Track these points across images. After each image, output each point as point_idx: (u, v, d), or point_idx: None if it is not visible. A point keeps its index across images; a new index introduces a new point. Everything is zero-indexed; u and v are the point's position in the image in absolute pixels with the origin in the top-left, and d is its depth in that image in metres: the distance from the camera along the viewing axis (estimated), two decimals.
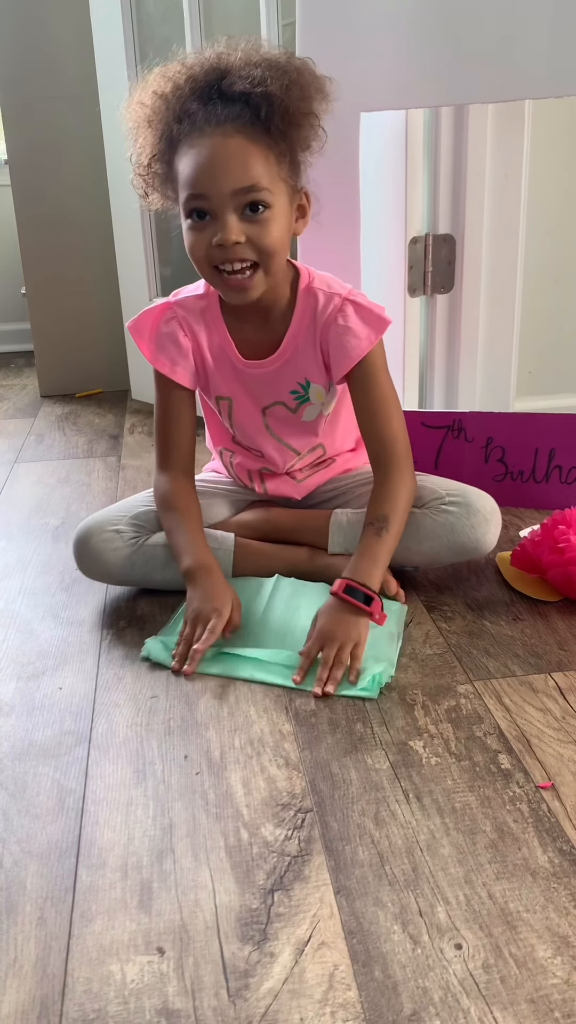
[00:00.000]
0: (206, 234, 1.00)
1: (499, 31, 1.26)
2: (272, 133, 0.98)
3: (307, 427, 1.22)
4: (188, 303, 1.16)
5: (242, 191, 0.98)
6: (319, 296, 1.12)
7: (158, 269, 2.12)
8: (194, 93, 0.99)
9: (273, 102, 0.97)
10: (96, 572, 1.18)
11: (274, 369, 1.16)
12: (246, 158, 0.97)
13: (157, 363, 1.15)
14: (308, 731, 0.92)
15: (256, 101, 0.97)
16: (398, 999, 0.62)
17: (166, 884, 0.73)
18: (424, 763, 0.86)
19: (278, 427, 1.22)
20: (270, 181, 0.99)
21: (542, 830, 0.77)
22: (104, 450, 1.94)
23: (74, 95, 2.16)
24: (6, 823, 0.80)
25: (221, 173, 0.97)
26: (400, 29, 1.30)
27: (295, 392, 1.18)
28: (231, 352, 1.16)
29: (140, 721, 0.94)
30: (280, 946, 0.66)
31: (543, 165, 1.74)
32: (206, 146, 0.97)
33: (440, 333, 1.71)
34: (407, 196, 1.59)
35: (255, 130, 0.97)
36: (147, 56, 1.94)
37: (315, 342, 1.13)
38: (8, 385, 2.61)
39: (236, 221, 0.99)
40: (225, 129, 0.97)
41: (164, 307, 1.17)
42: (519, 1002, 0.61)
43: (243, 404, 1.20)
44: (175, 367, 1.15)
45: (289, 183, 1.03)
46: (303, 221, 1.08)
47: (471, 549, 1.15)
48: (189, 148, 0.99)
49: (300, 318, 1.13)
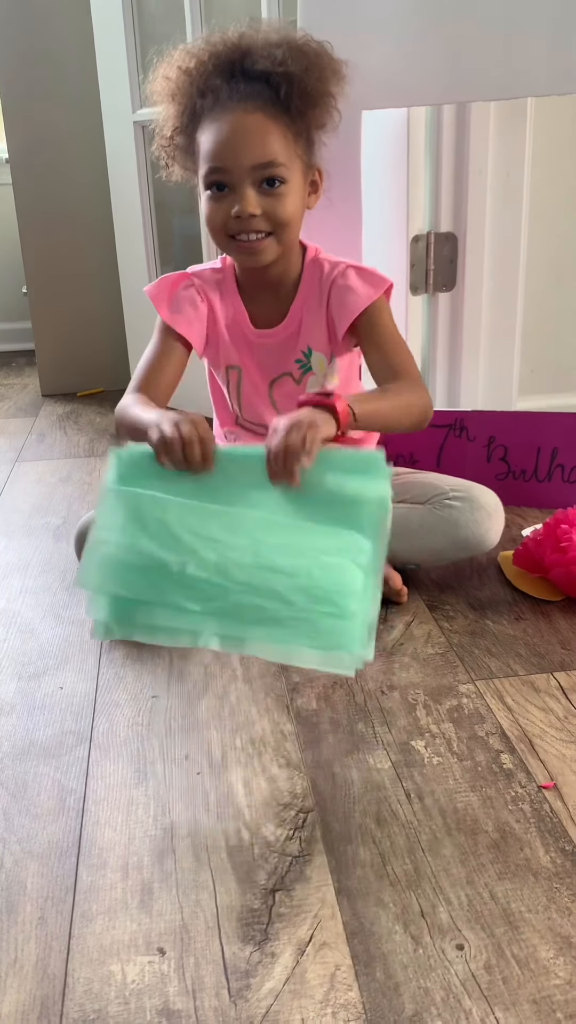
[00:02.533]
0: (224, 204, 1.04)
1: (501, 29, 1.26)
2: (291, 112, 1.03)
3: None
4: (204, 274, 1.19)
5: (260, 166, 1.02)
6: (324, 265, 1.16)
7: (159, 268, 2.12)
8: (217, 69, 1.04)
9: (293, 82, 1.02)
10: None
11: (283, 338, 1.19)
12: (265, 134, 1.02)
13: (174, 322, 1.15)
14: (309, 731, 0.91)
15: (277, 80, 1.02)
16: (399, 1000, 0.61)
17: (167, 884, 0.72)
18: (426, 763, 0.85)
19: (283, 402, 1.23)
20: (287, 157, 1.03)
21: (544, 830, 0.76)
22: (105, 449, 1.94)
23: (75, 94, 2.16)
24: (7, 823, 0.80)
25: (242, 148, 1.02)
26: (402, 27, 1.30)
27: (299, 361, 1.21)
28: (243, 322, 1.19)
29: (141, 721, 0.94)
30: (281, 946, 0.66)
31: (545, 163, 1.73)
32: (228, 121, 1.02)
33: (442, 331, 1.71)
34: (409, 194, 1.58)
35: (275, 108, 1.02)
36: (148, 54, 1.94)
37: (321, 307, 1.17)
38: (9, 384, 2.61)
39: (254, 194, 1.03)
40: (246, 106, 1.02)
41: (182, 275, 1.20)
42: (521, 1003, 0.61)
43: (252, 375, 1.22)
44: (190, 328, 1.16)
45: (304, 160, 1.07)
46: (315, 196, 1.12)
47: (475, 544, 1.15)
48: (211, 123, 1.03)
49: (307, 287, 1.17)
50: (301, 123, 1.05)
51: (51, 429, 2.12)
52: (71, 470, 1.81)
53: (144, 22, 1.93)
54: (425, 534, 1.15)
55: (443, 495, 1.17)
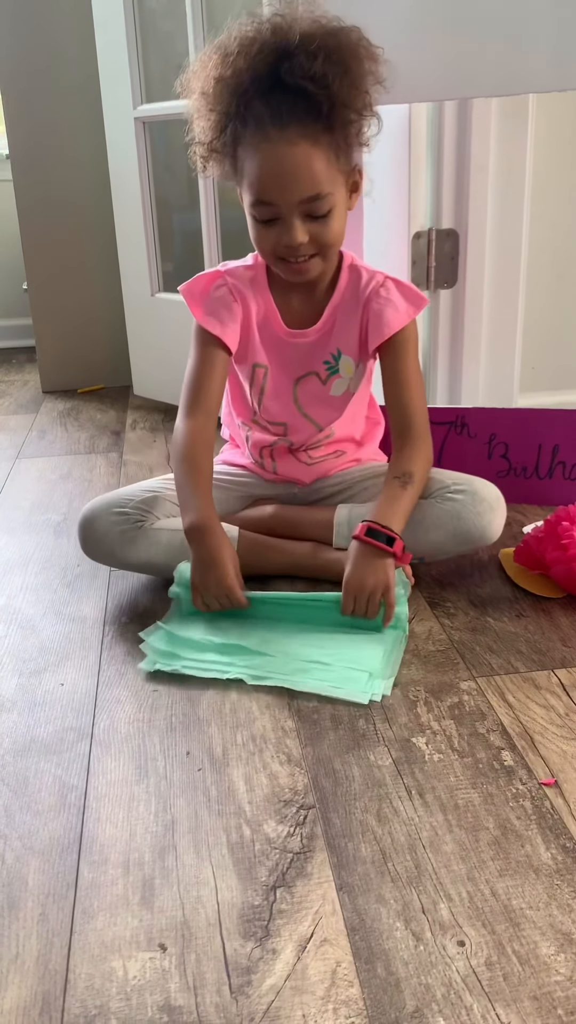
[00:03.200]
0: (272, 233, 1.07)
1: (503, 25, 1.25)
2: (334, 131, 1.02)
3: (334, 402, 1.25)
4: (237, 272, 1.20)
5: (307, 200, 1.03)
6: (362, 272, 1.18)
7: (160, 265, 2.11)
8: (255, 82, 1.00)
9: (334, 100, 1.00)
10: (100, 553, 1.18)
11: (315, 339, 1.21)
12: (311, 166, 1.01)
13: (208, 324, 1.17)
14: (310, 728, 0.91)
15: (317, 98, 0.99)
16: (400, 996, 0.61)
17: (168, 880, 0.72)
18: (427, 760, 0.85)
19: (306, 401, 1.25)
20: (332, 182, 1.04)
21: (545, 827, 0.76)
22: (106, 446, 1.94)
23: (76, 89, 2.15)
24: (8, 819, 0.80)
25: (288, 183, 1.02)
26: (403, 23, 1.30)
27: (327, 363, 1.22)
28: (275, 321, 1.21)
29: (142, 717, 0.94)
30: (282, 943, 0.66)
31: (547, 159, 1.73)
32: (272, 154, 1.01)
33: (443, 328, 1.71)
34: (410, 191, 1.58)
35: (316, 128, 1.01)
36: (149, 50, 1.94)
37: (357, 314, 1.19)
38: (9, 381, 2.61)
39: (300, 224, 1.05)
40: (289, 135, 1.00)
41: (215, 274, 1.21)
42: (522, 999, 0.61)
43: (277, 374, 1.23)
44: (224, 328, 1.17)
45: (346, 172, 1.08)
46: (356, 195, 1.12)
47: (477, 537, 1.15)
48: (255, 151, 1.02)
49: (343, 291, 1.19)
50: (341, 137, 1.04)
51: (52, 426, 2.12)
52: (72, 467, 1.81)
53: (145, 17, 1.92)
54: (428, 527, 1.15)
55: (445, 488, 1.17)
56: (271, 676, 0.99)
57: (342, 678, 0.98)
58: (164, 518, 1.20)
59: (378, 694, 0.96)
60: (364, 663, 1.00)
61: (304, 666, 1.01)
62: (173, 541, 1.16)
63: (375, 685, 0.97)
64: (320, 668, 1.00)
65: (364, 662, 1.01)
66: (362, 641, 1.05)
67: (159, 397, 2.22)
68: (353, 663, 1.01)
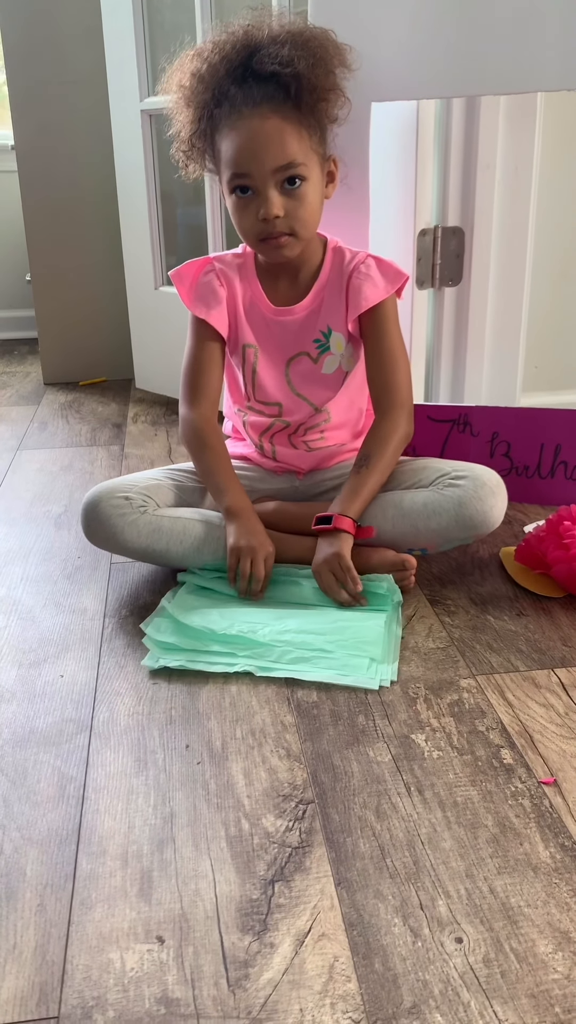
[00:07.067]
0: (251, 209, 1.12)
1: (512, 23, 1.25)
2: (302, 109, 1.09)
3: (327, 381, 1.27)
4: (226, 259, 1.27)
5: (281, 168, 1.09)
6: (346, 253, 1.24)
7: (164, 258, 2.11)
8: (229, 74, 1.09)
9: (301, 81, 1.08)
10: (102, 538, 1.19)
11: (302, 317, 1.24)
12: (282, 137, 1.08)
13: (195, 308, 1.24)
14: (310, 723, 0.91)
15: (286, 80, 1.07)
16: (398, 991, 0.61)
17: (166, 873, 0.72)
18: (426, 757, 0.85)
19: (299, 381, 1.27)
20: (304, 155, 1.10)
21: (544, 825, 0.76)
22: (107, 439, 1.94)
23: (82, 81, 2.15)
24: (6, 810, 0.80)
25: (262, 153, 1.08)
26: (412, 20, 1.29)
27: (317, 340, 1.25)
28: (261, 301, 1.25)
29: (142, 710, 0.94)
30: (280, 937, 0.66)
31: (554, 159, 1.72)
32: (246, 128, 1.08)
33: (447, 326, 1.70)
34: (417, 188, 1.58)
35: (287, 107, 1.08)
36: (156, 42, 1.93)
37: (341, 290, 1.23)
38: (11, 372, 2.60)
39: (277, 196, 1.10)
40: (262, 111, 1.08)
41: (205, 261, 1.27)
42: (519, 996, 0.61)
43: (268, 354, 1.26)
44: (210, 311, 1.23)
45: (320, 153, 1.14)
46: (333, 186, 1.19)
47: (480, 522, 1.15)
48: (230, 130, 1.10)
49: (328, 271, 1.24)
50: (313, 118, 1.11)
51: (53, 418, 2.11)
52: (73, 459, 1.80)
53: (152, 9, 1.91)
54: (430, 514, 1.16)
55: (446, 476, 1.19)
56: (276, 667, 1.00)
57: (346, 665, 1.00)
58: (165, 506, 1.21)
59: (387, 679, 0.98)
60: (365, 649, 1.02)
61: (306, 655, 1.02)
62: (174, 528, 1.18)
63: (382, 671, 0.99)
64: (322, 656, 1.01)
65: (364, 648, 1.02)
66: (358, 623, 1.07)
67: (161, 390, 2.22)
68: (354, 650, 1.02)
